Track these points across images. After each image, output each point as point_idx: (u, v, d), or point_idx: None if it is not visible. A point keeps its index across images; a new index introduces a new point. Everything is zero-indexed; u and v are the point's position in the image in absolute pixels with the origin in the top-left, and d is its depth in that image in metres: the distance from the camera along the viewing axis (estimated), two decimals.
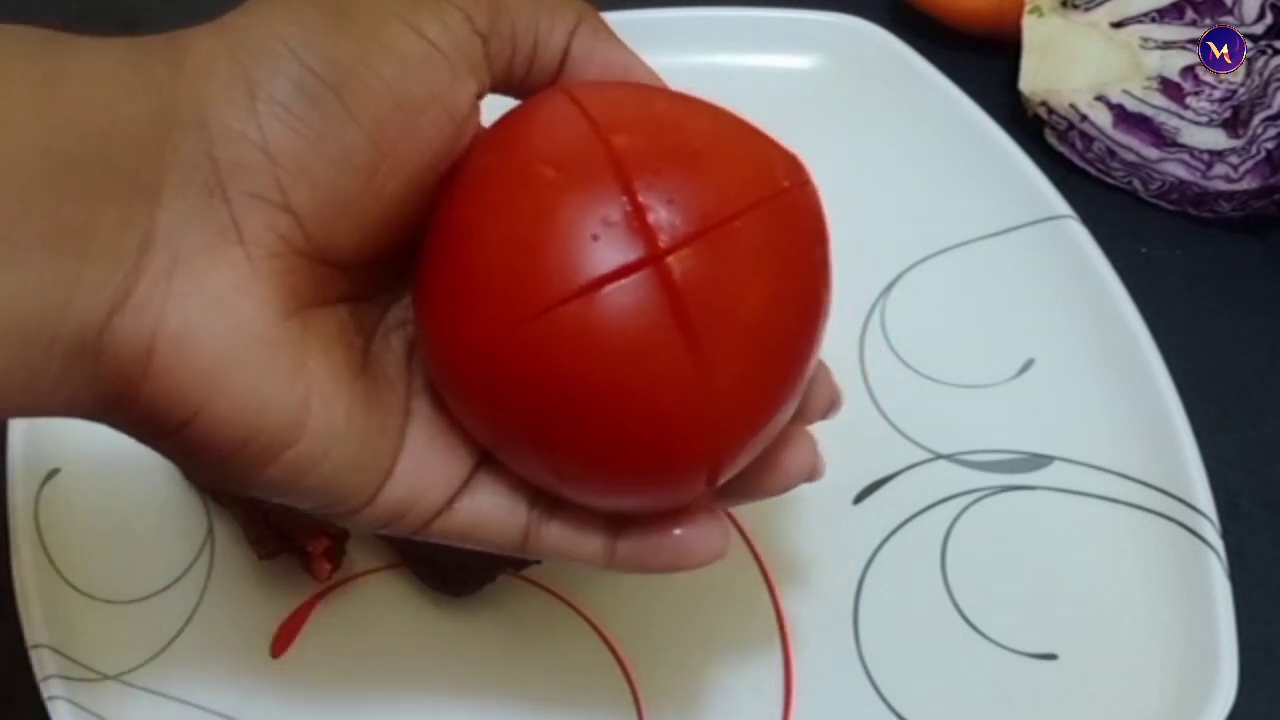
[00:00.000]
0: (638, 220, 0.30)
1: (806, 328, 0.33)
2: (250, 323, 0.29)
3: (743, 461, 0.33)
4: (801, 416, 0.35)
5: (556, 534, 0.34)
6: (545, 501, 0.33)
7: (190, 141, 0.29)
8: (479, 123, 0.32)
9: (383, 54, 0.30)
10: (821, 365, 0.36)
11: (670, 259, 0.30)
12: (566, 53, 0.33)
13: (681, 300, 0.30)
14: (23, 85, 0.27)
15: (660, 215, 0.30)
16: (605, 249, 0.30)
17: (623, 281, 0.30)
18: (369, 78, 0.29)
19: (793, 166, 0.33)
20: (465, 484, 0.33)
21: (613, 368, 0.30)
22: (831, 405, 0.36)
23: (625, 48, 0.34)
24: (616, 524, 0.34)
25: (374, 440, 0.31)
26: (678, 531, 0.33)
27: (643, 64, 0.35)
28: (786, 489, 0.35)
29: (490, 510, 0.33)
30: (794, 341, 0.32)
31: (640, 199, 0.30)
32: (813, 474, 0.35)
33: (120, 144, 0.28)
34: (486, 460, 0.33)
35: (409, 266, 0.33)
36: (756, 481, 0.35)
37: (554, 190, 0.31)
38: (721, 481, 0.33)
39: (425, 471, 0.32)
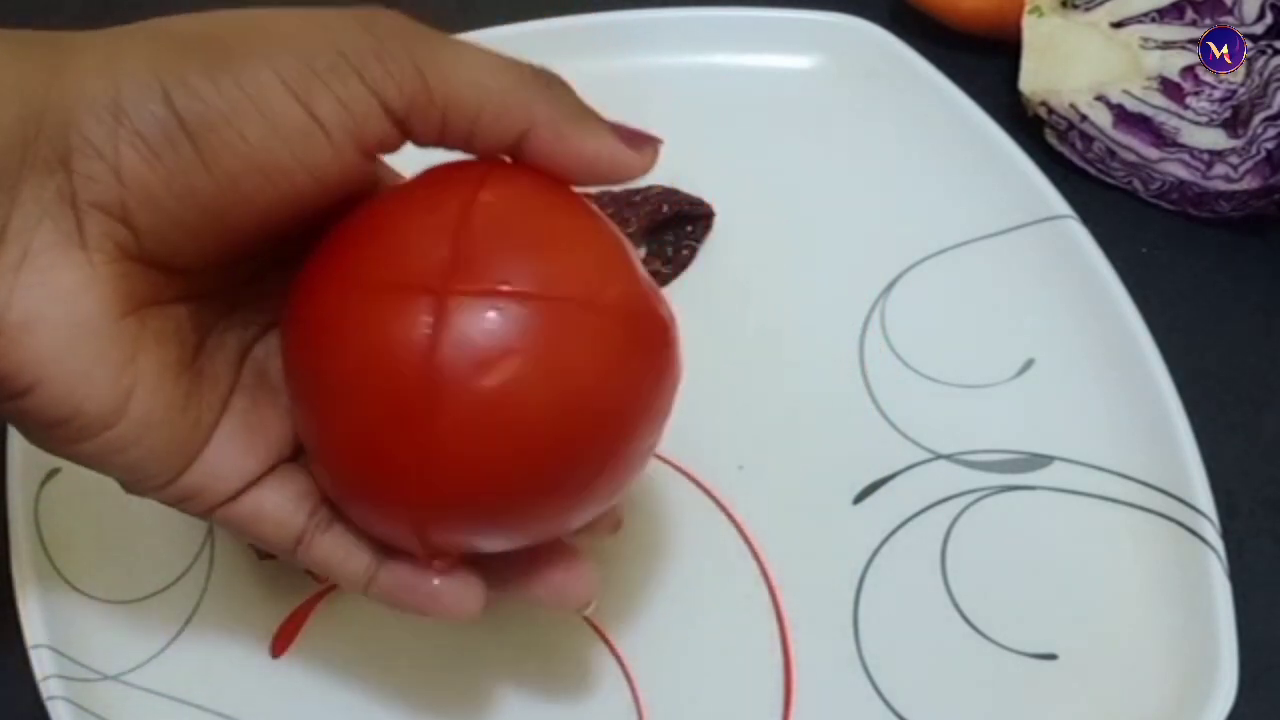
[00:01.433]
0: (453, 253, 0.30)
1: (580, 443, 0.32)
2: (88, 318, 0.31)
3: (463, 535, 0.33)
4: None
5: (327, 547, 0.35)
6: (325, 515, 0.35)
7: (50, 149, 0.30)
8: (372, 173, 0.33)
9: (252, 116, 0.30)
10: None
11: (454, 299, 0.30)
12: (518, 149, 0.33)
13: (443, 341, 0.30)
14: None
15: (476, 258, 0.31)
16: (411, 261, 0.31)
17: (402, 297, 0.30)
18: (230, 135, 0.30)
19: (646, 309, 0.33)
20: (255, 481, 0.34)
21: (359, 373, 0.31)
22: (610, 524, 0.37)
23: (594, 141, 0.33)
24: (383, 554, 0.35)
25: (187, 432, 0.33)
26: (436, 581, 0.35)
27: (620, 155, 0.33)
28: (555, 607, 0.36)
29: (270, 509, 0.35)
30: (557, 445, 0.31)
31: (467, 239, 0.31)
32: (583, 607, 0.36)
33: None
34: (283, 464, 0.35)
35: (260, 266, 0.35)
36: (525, 585, 0.36)
37: (412, 204, 0.32)
38: (438, 541, 0.33)
39: (221, 463, 0.34)
